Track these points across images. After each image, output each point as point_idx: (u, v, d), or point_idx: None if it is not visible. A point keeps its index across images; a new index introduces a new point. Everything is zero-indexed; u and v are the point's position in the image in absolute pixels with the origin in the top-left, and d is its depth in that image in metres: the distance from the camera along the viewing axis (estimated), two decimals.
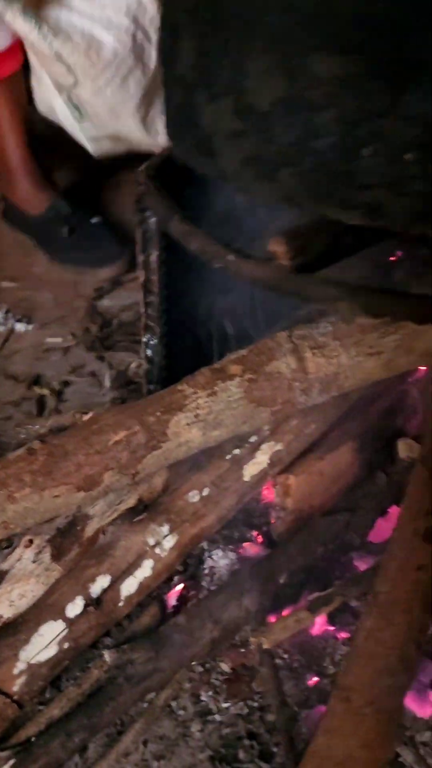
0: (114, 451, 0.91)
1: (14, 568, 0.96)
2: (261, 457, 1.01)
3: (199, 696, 0.87)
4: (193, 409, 0.94)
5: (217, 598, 0.90)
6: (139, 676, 0.84)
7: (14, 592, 0.94)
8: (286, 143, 0.74)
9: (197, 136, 0.85)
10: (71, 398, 1.57)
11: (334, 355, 0.95)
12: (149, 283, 1.05)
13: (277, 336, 0.98)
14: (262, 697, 0.86)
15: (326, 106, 0.70)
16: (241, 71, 0.75)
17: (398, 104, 0.67)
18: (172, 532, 0.94)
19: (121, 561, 0.92)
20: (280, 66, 0.71)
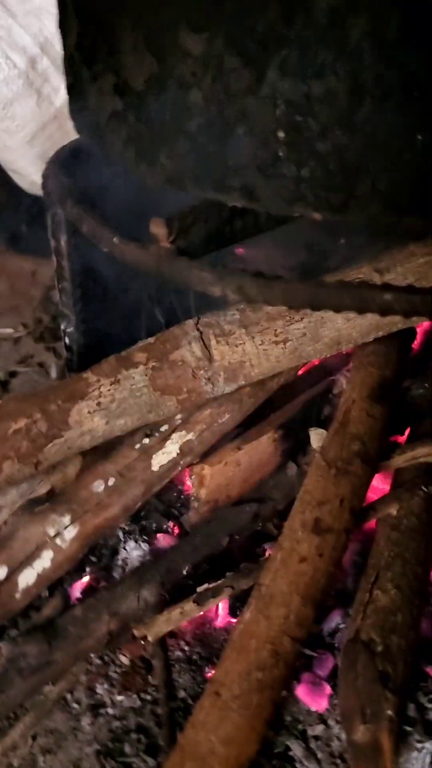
0: (13, 440, 0.90)
1: None
2: (171, 447, 1.00)
3: (95, 689, 0.86)
4: (95, 397, 0.92)
5: (116, 589, 0.89)
6: (31, 668, 0.83)
7: None
8: (161, 123, 0.72)
9: (87, 116, 0.83)
10: (18, 388, 1.56)
11: (239, 342, 0.93)
12: (60, 269, 1.03)
13: (185, 324, 0.96)
14: (156, 690, 0.84)
15: (193, 84, 0.68)
16: (116, 49, 0.73)
17: (261, 83, 0.65)
18: (74, 522, 0.93)
19: (18, 552, 0.90)
20: (150, 43, 0.69)
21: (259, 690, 0.68)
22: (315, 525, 0.79)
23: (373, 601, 0.83)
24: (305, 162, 0.67)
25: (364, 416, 0.91)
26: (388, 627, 0.80)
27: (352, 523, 0.82)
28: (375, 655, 0.78)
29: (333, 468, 0.85)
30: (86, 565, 1.01)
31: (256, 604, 0.74)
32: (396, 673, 0.77)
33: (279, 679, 0.70)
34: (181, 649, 0.89)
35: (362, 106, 0.64)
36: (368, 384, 0.96)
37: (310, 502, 0.82)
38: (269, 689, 0.69)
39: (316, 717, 0.83)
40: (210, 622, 0.92)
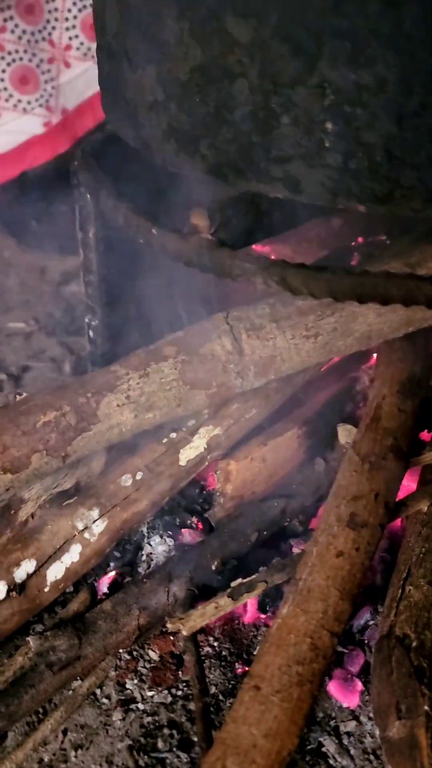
0: (42, 433, 0.89)
1: None
2: (198, 442, 0.99)
3: (125, 684, 0.85)
4: (124, 390, 0.91)
5: (145, 584, 0.88)
6: (61, 663, 0.83)
7: None
8: (204, 113, 0.72)
9: (124, 107, 0.83)
10: (30, 383, 1.56)
11: (270, 337, 0.93)
12: (88, 262, 1.03)
13: (214, 317, 0.96)
14: (187, 686, 0.84)
15: (240, 74, 0.67)
16: (160, 38, 0.73)
17: (310, 72, 0.64)
18: (102, 516, 0.92)
19: (47, 545, 0.89)
20: (195, 31, 0.69)
21: (299, 684, 0.67)
22: (351, 519, 0.79)
23: (406, 597, 0.82)
24: (352, 152, 0.67)
25: (395, 411, 0.91)
26: (422, 622, 0.80)
27: (386, 518, 0.81)
28: (410, 650, 0.77)
29: (366, 463, 0.85)
30: (110, 560, 1.00)
31: (293, 598, 0.73)
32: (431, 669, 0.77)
33: (318, 672, 0.69)
34: (210, 645, 0.89)
35: (412, 97, 0.64)
36: (398, 379, 0.96)
37: (344, 496, 0.81)
38: (309, 683, 0.68)
39: (349, 713, 0.83)
40: (239, 618, 0.92)
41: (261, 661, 0.70)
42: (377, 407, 0.92)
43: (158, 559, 1.00)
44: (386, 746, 0.76)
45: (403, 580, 0.85)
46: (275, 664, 0.69)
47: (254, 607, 0.91)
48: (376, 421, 0.90)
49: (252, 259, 0.69)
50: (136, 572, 0.99)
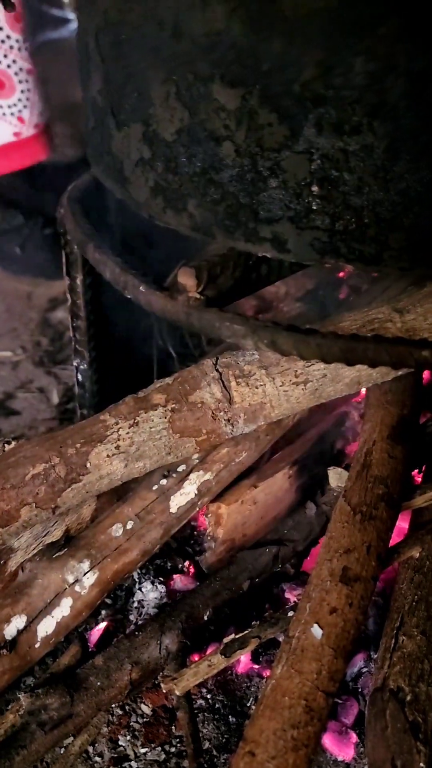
0: (31, 486, 0.88)
1: None
2: (189, 488, 0.99)
3: (117, 741, 0.84)
4: (114, 440, 0.91)
5: (137, 637, 0.88)
6: (52, 722, 0.82)
7: None
8: (191, 173, 0.72)
9: (110, 162, 0.82)
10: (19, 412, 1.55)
11: (259, 384, 0.92)
12: (75, 307, 1.02)
13: (203, 363, 0.95)
14: (180, 742, 0.83)
15: (226, 137, 0.67)
16: (146, 99, 0.72)
17: (297, 138, 0.64)
18: (93, 568, 0.91)
19: (38, 600, 0.89)
20: (182, 95, 0.68)
21: (294, 749, 0.67)
22: (343, 574, 0.79)
23: (399, 648, 0.82)
24: (340, 215, 0.67)
25: (386, 458, 0.91)
26: (416, 674, 0.80)
27: (379, 570, 0.81)
28: (404, 704, 0.77)
29: (358, 513, 0.85)
30: (102, 608, 0.99)
31: (287, 658, 0.73)
32: (426, 723, 0.76)
33: (314, 735, 0.69)
34: (203, 697, 0.88)
35: (398, 163, 0.64)
36: (387, 424, 0.96)
37: (336, 549, 0.81)
38: (304, 747, 0.68)
39: (343, 767, 0.82)
40: (232, 668, 0.91)
41: (255, 725, 0.69)
42: (367, 454, 0.92)
43: (149, 606, 0.99)
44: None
45: (396, 630, 0.85)
46: (270, 728, 0.68)
47: (248, 657, 0.91)
48: (367, 468, 0.90)
49: (241, 321, 0.69)
50: (128, 620, 0.98)
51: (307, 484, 1.09)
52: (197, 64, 0.66)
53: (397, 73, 0.60)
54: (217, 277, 0.76)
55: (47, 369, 1.69)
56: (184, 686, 0.79)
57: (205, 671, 0.79)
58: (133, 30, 0.70)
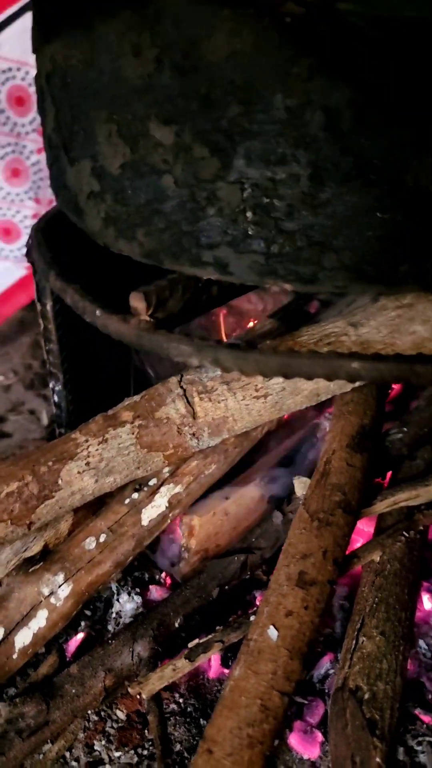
0: (6, 503, 0.93)
1: None
2: (160, 501, 1.03)
3: (93, 746, 0.88)
4: (84, 457, 0.95)
5: (110, 646, 0.91)
6: (30, 729, 0.85)
7: None
8: (137, 204, 0.76)
9: (66, 194, 0.87)
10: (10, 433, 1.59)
11: (221, 399, 0.97)
12: (47, 332, 1.07)
13: (169, 381, 1.00)
14: (153, 745, 0.87)
15: (165, 171, 0.72)
16: (92, 137, 0.77)
17: (228, 170, 0.69)
18: (67, 580, 0.95)
19: (14, 612, 0.93)
20: (123, 133, 0.73)
21: (250, 746, 0.71)
22: (299, 578, 0.82)
23: (360, 649, 0.86)
24: (273, 239, 0.72)
25: (344, 466, 0.95)
26: (374, 674, 0.83)
27: (335, 574, 0.85)
28: (362, 702, 0.81)
29: (315, 520, 0.88)
30: (81, 619, 1.03)
31: (245, 659, 0.76)
32: (383, 720, 0.80)
33: (269, 733, 0.72)
34: (175, 701, 0.92)
35: (324, 189, 0.68)
36: (348, 433, 0.99)
37: (294, 555, 0.85)
38: (260, 744, 0.71)
39: (309, 765, 0.85)
40: (203, 673, 0.95)
41: (214, 724, 0.73)
42: (326, 462, 0.96)
43: (126, 616, 1.03)
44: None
45: (357, 631, 0.88)
46: (227, 727, 0.72)
47: (218, 662, 0.94)
48: (325, 476, 0.94)
49: (187, 341, 0.73)
50: (107, 630, 1.02)
51: (279, 495, 1.12)
52: (134, 104, 0.71)
53: (314, 107, 0.64)
54: (166, 300, 0.81)
55: (37, 391, 1.74)
56: (150, 689, 0.82)
57: (170, 675, 0.82)
58: (77, 74, 0.75)
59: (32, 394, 1.75)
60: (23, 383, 1.79)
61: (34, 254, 0.96)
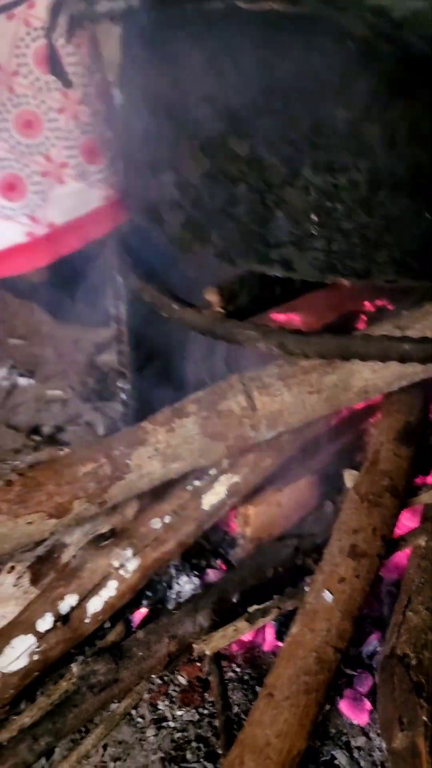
0: (82, 482, 1.02)
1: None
2: (219, 488, 1.11)
3: (157, 705, 0.95)
4: (153, 443, 1.05)
5: (174, 615, 0.99)
6: (100, 685, 0.93)
7: None
8: (213, 210, 0.88)
9: (147, 206, 0.99)
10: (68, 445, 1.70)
11: (278, 393, 1.06)
12: (119, 334, 1.18)
13: (230, 378, 1.09)
14: (212, 706, 0.93)
15: (240, 179, 0.83)
16: (176, 152, 0.89)
17: (296, 177, 0.80)
18: (135, 555, 1.04)
19: (87, 582, 1.01)
20: (204, 148, 0.85)
21: (306, 692, 0.77)
22: (351, 550, 0.90)
23: (406, 622, 0.92)
24: (334, 238, 0.82)
25: (391, 456, 1.03)
26: (420, 643, 0.89)
27: (383, 549, 0.92)
28: (409, 668, 0.87)
29: (365, 501, 0.96)
30: (143, 598, 1.11)
31: (301, 619, 0.84)
32: (429, 684, 0.85)
33: (323, 682, 0.79)
34: (233, 670, 0.99)
35: (379, 193, 0.79)
36: (394, 428, 1.07)
37: (346, 531, 0.92)
38: (315, 692, 0.78)
39: (359, 729, 0.91)
40: (259, 646, 1.02)
41: (274, 673, 0.80)
42: (375, 453, 1.04)
43: (185, 597, 1.10)
44: (392, 757, 0.84)
45: (404, 608, 0.94)
46: (285, 675, 0.79)
47: (272, 636, 1.01)
48: (375, 464, 1.02)
49: (255, 328, 0.83)
50: (166, 608, 1.10)
51: (327, 490, 1.20)
52: (216, 122, 0.82)
53: (372, 122, 0.75)
54: (237, 295, 0.91)
55: (93, 405, 1.84)
56: (213, 646, 0.90)
57: (232, 635, 0.90)
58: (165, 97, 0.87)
59: (89, 407, 1.85)
60: (80, 398, 1.90)
61: (113, 261, 1.08)
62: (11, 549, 1.01)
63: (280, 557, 1.07)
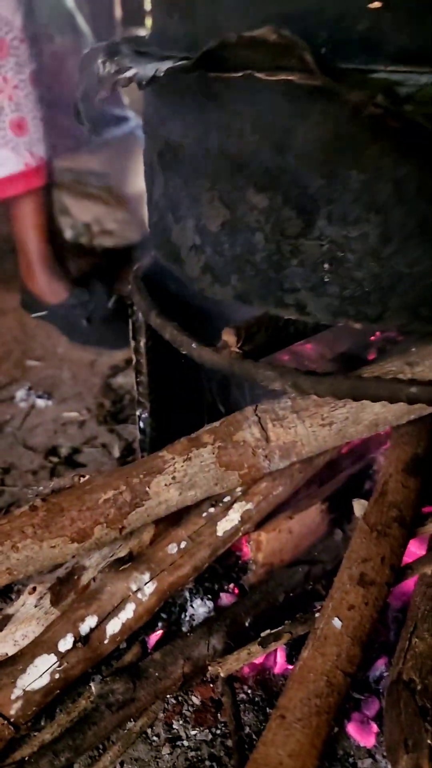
0: (103, 508, 1.07)
1: (18, 612, 1.12)
2: (233, 515, 1.16)
3: (172, 724, 0.99)
4: (171, 472, 1.10)
5: (189, 638, 1.04)
6: (118, 704, 0.98)
7: (18, 633, 1.09)
8: (232, 256, 0.93)
9: (169, 248, 1.05)
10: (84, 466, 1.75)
11: (291, 426, 1.11)
12: (139, 365, 1.23)
13: (245, 410, 1.15)
14: (225, 726, 0.98)
15: (257, 229, 0.89)
16: (196, 201, 0.95)
17: (310, 228, 0.85)
18: (152, 579, 1.09)
19: (107, 604, 1.06)
20: (223, 199, 0.91)
21: (317, 714, 0.82)
22: (360, 578, 0.94)
23: (412, 648, 0.96)
24: (346, 285, 0.87)
25: (399, 487, 1.07)
26: (426, 669, 0.93)
27: (392, 578, 0.96)
28: (415, 692, 0.91)
29: (374, 531, 1.00)
30: (158, 620, 1.16)
31: (312, 643, 0.88)
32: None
33: (333, 705, 0.83)
34: (245, 692, 1.03)
35: (389, 245, 0.84)
36: (402, 460, 1.12)
37: (355, 559, 0.97)
38: (325, 713, 0.82)
39: (365, 752, 0.95)
40: (270, 669, 1.06)
41: (286, 696, 0.84)
42: (384, 484, 1.08)
43: (198, 620, 1.15)
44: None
45: (410, 634, 0.99)
46: (297, 697, 0.83)
47: (283, 659, 1.05)
48: (383, 495, 1.06)
49: (271, 368, 0.88)
50: (180, 630, 1.14)
51: (337, 518, 1.25)
52: (235, 176, 0.88)
53: (384, 180, 0.80)
54: (254, 335, 0.97)
55: (110, 427, 1.90)
56: (228, 669, 0.94)
57: (245, 658, 0.94)
58: (186, 152, 0.93)
59: (104, 429, 1.91)
60: (96, 420, 1.95)
61: (135, 297, 1.14)
62: (35, 571, 1.06)
63: (291, 583, 1.11)
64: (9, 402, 2.01)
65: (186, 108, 0.92)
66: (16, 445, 1.85)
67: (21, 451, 1.78)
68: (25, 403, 2.00)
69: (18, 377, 2.12)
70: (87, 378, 2.15)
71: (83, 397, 2.05)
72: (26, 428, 1.91)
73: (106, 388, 2.09)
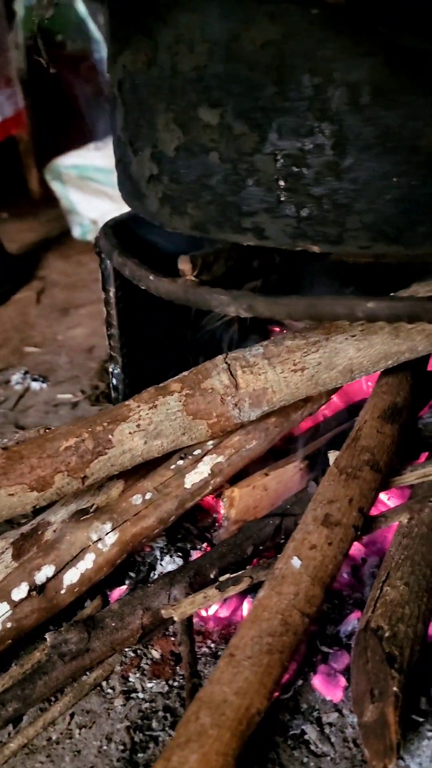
0: (64, 456, 1.03)
1: None
2: (202, 468, 1.11)
3: (128, 677, 0.94)
4: (135, 419, 1.06)
5: (149, 588, 0.99)
6: (71, 654, 0.93)
7: None
8: (189, 181, 0.90)
9: (131, 185, 1.02)
10: None
11: (262, 372, 1.06)
12: (110, 318, 1.20)
13: (215, 358, 1.10)
14: (183, 678, 0.92)
15: (212, 149, 0.85)
16: (153, 127, 0.92)
17: (264, 143, 0.81)
18: (114, 529, 1.04)
19: (65, 553, 1.02)
20: (177, 120, 0.88)
21: (269, 652, 0.76)
22: (325, 519, 0.89)
23: (383, 596, 0.90)
24: (303, 204, 0.83)
25: (374, 432, 1.02)
26: (396, 617, 0.87)
27: (360, 520, 0.91)
28: (382, 639, 0.85)
29: (343, 474, 0.95)
30: (126, 578, 1.11)
31: (269, 584, 0.83)
32: (402, 656, 0.83)
33: (288, 645, 0.78)
34: (207, 646, 0.97)
35: (346, 157, 0.80)
36: (379, 407, 1.07)
37: (321, 501, 0.91)
38: (278, 653, 0.76)
39: (332, 706, 0.89)
40: (234, 624, 1.00)
41: (238, 635, 0.79)
42: (358, 430, 1.03)
43: None
44: (363, 731, 0.82)
45: (382, 583, 0.93)
46: (248, 635, 0.78)
47: None
48: (356, 440, 1.01)
49: (225, 292, 0.84)
50: None
51: (317, 477, 1.19)
52: (187, 93, 0.85)
53: (336, 84, 0.76)
54: (211, 265, 0.93)
55: (102, 407, 1.86)
56: (182, 612, 0.89)
57: (201, 602, 0.89)
58: (142, 74, 0.90)
59: (97, 409, 1.88)
60: (89, 401, 1.92)
61: (101, 242, 1.11)
62: None
63: (261, 536, 1.06)
64: (4, 385, 1.99)
65: (137, 29, 0.89)
66: (6, 425, 1.82)
67: (11, 431, 1.76)
68: (20, 386, 1.98)
69: (15, 363, 2.11)
70: (83, 363, 2.12)
71: (79, 380, 2.03)
72: (19, 409, 1.89)
73: (102, 372, 2.06)
